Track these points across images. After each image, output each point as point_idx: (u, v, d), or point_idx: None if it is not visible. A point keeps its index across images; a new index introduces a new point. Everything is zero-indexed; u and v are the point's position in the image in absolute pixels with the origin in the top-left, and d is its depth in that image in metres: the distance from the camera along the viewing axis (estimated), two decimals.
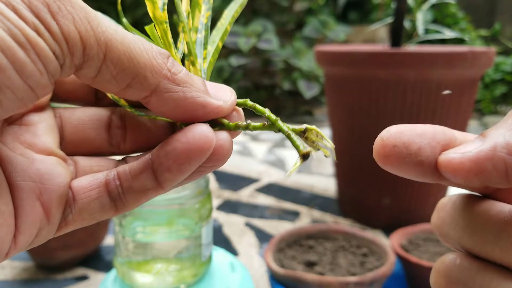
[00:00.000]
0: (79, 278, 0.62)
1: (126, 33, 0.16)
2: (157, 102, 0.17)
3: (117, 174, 0.19)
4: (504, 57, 1.95)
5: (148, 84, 0.17)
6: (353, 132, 0.79)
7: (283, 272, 0.50)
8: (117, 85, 0.16)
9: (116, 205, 0.19)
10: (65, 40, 0.14)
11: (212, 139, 0.18)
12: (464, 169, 0.15)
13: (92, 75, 0.16)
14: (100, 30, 0.15)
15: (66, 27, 0.14)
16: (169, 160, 0.18)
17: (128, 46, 0.16)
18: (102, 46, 0.15)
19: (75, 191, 0.19)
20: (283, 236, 0.59)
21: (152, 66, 0.17)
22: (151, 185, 0.18)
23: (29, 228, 0.17)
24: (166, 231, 0.40)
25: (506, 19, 2.41)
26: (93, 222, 0.19)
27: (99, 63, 0.16)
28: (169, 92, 0.17)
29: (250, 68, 1.83)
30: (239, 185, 1.04)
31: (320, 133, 0.20)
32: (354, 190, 0.83)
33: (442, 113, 0.72)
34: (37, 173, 0.18)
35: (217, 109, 0.18)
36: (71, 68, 0.15)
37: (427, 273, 0.55)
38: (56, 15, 0.14)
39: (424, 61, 0.68)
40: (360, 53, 0.72)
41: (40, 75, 0.14)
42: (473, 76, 0.73)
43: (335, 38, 1.83)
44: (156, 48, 0.17)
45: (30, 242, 0.17)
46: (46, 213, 0.17)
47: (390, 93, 0.72)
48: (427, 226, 0.62)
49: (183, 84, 0.17)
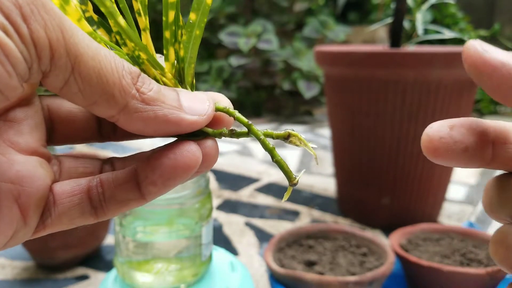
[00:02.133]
0: (79, 278, 0.63)
1: (99, 49, 0.16)
2: (126, 121, 0.17)
3: (100, 181, 0.19)
4: None
5: (115, 103, 0.16)
6: (353, 132, 0.79)
7: (283, 272, 0.50)
8: (84, 100, 0.16)
9: (96, 212, 0.19)
10: (34, 44, 0.14)
11: (198, 158, 0.18)
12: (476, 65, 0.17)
13: (59, 85, 0.16)
14: (72, 41, 0.15)
15: (36, 31, 0.14)
16: (155, 175, 0.18)
17: (98, 62, 0.16)
18: (71, 58, 0.15)
19: (57, 195, 0.18)
20: (283, 235, 0.59)
21: (120, 85, 0.16)
22: (133, 196, 0.18)
23: (5, 230, 0.17)
24: (166, 231, 0.40)
25: (506, 19, 2.42)
26: (71, 227, 0.19)
27: (67, 74, 0.15)
28: (138, 112, 0.17)
29: (250, 68, 1.83)
30: (239, 185, 1.04)
31: (302, 140, 0.20)
32: (354, 190, 0.84)
33: (442, 113, 0.73)
34: (16, 175, 0.17)
35: (192, 125, 0.18)
36: (38, 73, 0.15)
37: (426, 273, 0.55)
38: (28, 18, 0.14)
39: (423, 61, 0.69)
40: (360, 53, 0.72)
41: (9, 77, 0.14)
42: None
43: (335, 38, 1.84)
44: (127, 66, 0.17)
45: (4, 243, 0.17)
46: (23, 215, 0.17)
47: (389, 93, 0.72)
48: (427, 225, 0.62)
49: (153, 103, 0.17)
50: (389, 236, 0.59)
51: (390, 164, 0.76)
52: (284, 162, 0.20)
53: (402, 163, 0.75)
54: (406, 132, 0.73)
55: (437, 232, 0.61)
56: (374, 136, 0.76)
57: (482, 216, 0.87)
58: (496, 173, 0.20)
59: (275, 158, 0.20)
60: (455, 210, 0.90)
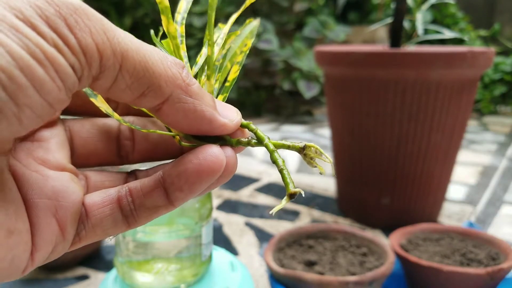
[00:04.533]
0: (79, 278, 0.63)
1: (141, 43, 0.16)
2: (168, 111, 0.18)
3: (129, 190, 0.19)
4: (504, 57, 1.95)
5: (162, 93, 0.17)
6: (353, 132, 0.79)
7: (283, 272, 0.50)
8: (131, 94, 0.17)
9: (128, 221, 0.19)
10: (83, 52, 0.15)
11: (222, 161, 0.18)
12: None
13: (108, 85, 0.16)
14: (116, 41, 0.15)
15: (83, 39, 0.15)
16: (181, 181, 0.18)
17: (143, 56, 0.16)
18: (118, 57, 0.15)
19: (88, 207, 0.19)
20: (283, 235, 0.59)
21: (166, 75, 0.17)
22: (162, 203, 0.19)
23: (45, 245, 0.17)
24: (166, 231, 0.40)
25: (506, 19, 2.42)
26: (105, 237, 0.19)
27: (115, 73, 0.16)
28: (180, 102, 0.17)
29: (250, 68, 1.83)
30: (239, 185, 1.04)
31: (319, 150, 0.20)
32: (354, 190, 0.84)
33: (442, 113, 0.73)
34: (52, 191, 0.18)
35: (222, 126, 0.19)
36: (88, 79, 0.15)
37: (426, 273, 0.55)
38: (73, 28, 0.14)
39: (423, 61, 0.69)
40: (360, 53, 0.72)
41: (59, 91, 0.14)
42: (472, 76, 0.73)
43: (335, 38, 1.84)
44: (172, 58, 0.17)
45: (46, 258, 0.18)
46: (61, 230, 0.18)
47: (390, 93, 0.72)
48: (427, 225, 0.62)
49: (195, 96, 0.18)
50: (389, 236, 0.59)
51: (390, 164, 0.76)
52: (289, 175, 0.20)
53: (402, 163, 0.75)
54: (406, 132, 0.73)
55: (437, 232, 0.61)
56: (374, 136, 0.76)
57: (482, 216, 0.87)
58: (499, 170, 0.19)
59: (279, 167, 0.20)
60: (455, 210, 0.90)
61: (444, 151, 0.76)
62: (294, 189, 0.19)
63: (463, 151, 1.34)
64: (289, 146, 0.20)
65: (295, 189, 0.19)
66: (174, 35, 0.20)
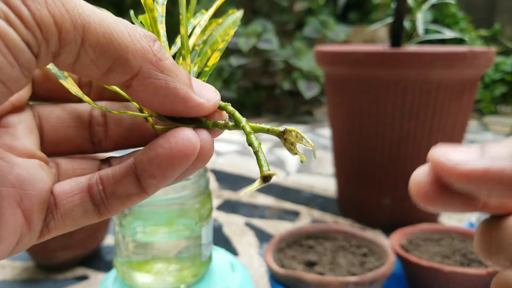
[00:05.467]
0: (79, 278, 0.62)
1: (106, 14, 0.15)
2: (138, 87, 0.16)
3: (100, 178, 0.18)
4: (504, 57, 1.95)
5: (130, 67, 0.16)
6: (353, 132, 0.79)
7: (283, 272, 0.50)
8: (97, 70, 0.15)
9: (99, 210, 0.18)
10: (38, 26, 0.13)
11: (196, 145, 0.17)
12: (451, 176, 0.15)
13: (71, 61, 0.15)
14: (76, 12, 0.14)
15: (38, 12, 0.13)
16: (152, 167, 0.17)
17: (107, 27, 0.15)
18: (79, 29, 0.14)
19: (57, 196, 0.18)
20: (283, 236, 0.59)
21: (135, 48, 0.15)
22: (134, 191, 0.18)
23: (10, 236, 0.16)
24: (166, 231, 0.40)
25: (506, 19, 2.41)
26: (75, 228, 0.18)
27: (77, 47, 0.14)
28: (151, 78, 0.16)
29: (250, 68, 1.83)
30: (239, 185, 1.04)
31: (300, 134, 0.19)
32: (354, 190, 0.83)
33: (442, 113, 0.72)
34: (17, 179, 0.17)
35: (198, 107, 0.18)
36: (47, 56, 0.14)
37: (427, 273, 0.55)
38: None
39: (424, 61, 0.68)
40: (360, 53, 0.72)
41: (11, 68, 0.13)
42: (473, 76, 0.73)
43: (335, 38, 1.83)
44: (141, 30, 0.16)
45: (10, 250, 0.17)
46: (27, 220, 0.17)
47: (390, 93, 0.72)
48: (427, 226, 0.62)
49: (167, 72, 0.16)
50: (390, 236, 0.59)
51: (390, 164, 0.76)
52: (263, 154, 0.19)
53: (402, 163, 0.75)
54: (407, 132, 0.73)
55: (437, 232, 0.61)
56: (374, 136, 0.76)
57: (483, 217, 0.86)
58: None
59: (254, 149, 0.19)
60: None
61: None
62: (268, 172, 0.18)
63: None
64: (268, 130, 0.20)
65: (269, 171, 0.18)
66: (151, 7, 0.19)
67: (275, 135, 0.20)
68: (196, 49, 0.22)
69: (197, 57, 0.22)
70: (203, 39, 0.22)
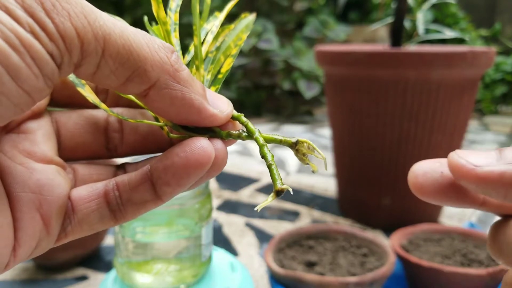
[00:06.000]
0: (79, 278, 0.62)
1: (126, 26, 0.16)
2: (154, 97, 0.17)
3: (116, 185, 0.19)
4: (505, 57, 1.95)
5: (148, 78, 0.16)
6: (353, 132, 0.79)
7: (283, 272, 0.49)
8: (116, 80, 0.16)
9: (115, 216, 0.19)
10: (62, 38, 0.14)
11: (211, 154, 0.17)
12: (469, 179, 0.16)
13: (91, 71, 0.15)
14: (97, 25, 0.14)
15: (62, 24, 0.14)
16: (168, 175, 0.18)
17: (127, 39, 0.15)
18: (100, 41, 0.15)
19: (74, 201, 0.18)
20: (283, 236, 0.58)
21: (153, 59, 0.16)
22: (150, 198, 0.18)
23: (29, 240, 0.17)
24: (166, 231, 0.40)
25: (506, 19, 2.41)
26: (92, 232, 0.19)
27: (98, 58, 0.15)
28: (167, 89, 0.17)
29: (250, 68, 1.83)
30: (239, 185, 1.04)
31: (311, 145, 0.20)
32: (354, 190, 0.83)
33: (442, 113, 0.72)
34: (37, 184, 0.17)
35: (211, 117, 0.18)
36: (69, 66, 0.15)
37: (427, 273, 0.55)
38: (50, 12, 0.14)
39: (424, 61, 0.68)
40: (360, 53, 0.72)
41: (36, 78, 0.14)
42: (473, 76, 0.73)
43: (335, 38, 1.83)
44: (160, 41, 0.17)
45: (30, 253, 0.17)
46: (45, 224, 0.17)
47: (390, 93, 0.72)
48: (428, 226, 0.62)
49: (184, 83, 0.17)
50: (390, 237, 0.59)
51: (390, 164, 0.76)
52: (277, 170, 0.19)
53: (402, 163, 0.75)
54: (407, 132, 0.73)
55: (438, 232, 0.61)
56: (374, 136, 0.76)
57: (483, 217, 0.86)
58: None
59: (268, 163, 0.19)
60: (456, 210, 0.89)
61: (445, 151, 0.76)
62: (281, 186, 0.18)
63: None
64: (280, 141, 0.20)
65: (283, 186, 0.18)
66: (164, 20, 0.20)
67: (287, 145, 0.20)
68: (209, 56, 0.22)
69: (210, 65, 0.22)
70: (216, 46, 0.22)
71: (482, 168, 0.16)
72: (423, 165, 0.18)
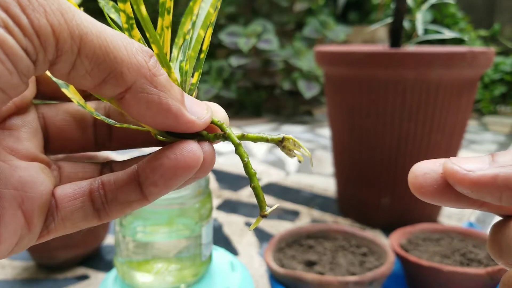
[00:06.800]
0: (79, 278, 0.63)
1: (104, 27, 0.15)
2: (130, 101, 0.16)
3: (102, 183, 0.18)
4: (504, 57, 1.95)
5: (123, 80, 0.16)
6: (353, 132, 0.79)
7: (283, 272, 0.50)
8: (91, 81, 0.16)
9: (99, 215, 0.18)
10: (37, 34, 0.14)
11: (199, 157, 0.18)
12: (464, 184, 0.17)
13: (66, 70, 0.15)
14: (74, 23, 0.14)
15: (37, 20, 0.13)
16: (156, 175, 0.18)
17: (104, 39, 0.15)
18: (76, 40, 0.14)
19: (59, 199, 0.18)
20: (283, 235, 0.59)
21: (130, 62, 0.16)
22: (136, 198, 0.18)
23: (10, 237, 0.17)
24: (166, 231, 0.40)
25: (506, 19, 2.42)
26: (75, 230, 0.19)
27: (73, 57, 0.15)
28: (144, 93, 0.16)
29: (250, 68, 1.84)
30: (239, 185, 1.04)
31: (297, 142, 0.20)
32: (354, 190, 0.84)
33: (442, 113, 0.73)
34: (19, 181, 0.17)
35: (189, 123, 0.18)
36: (45, 63, 0.15)
37: (426, 273, 0.55)
38: (26, 8, 0.13)
39: (423, 61, 0.69)
40: (360, 53, 0.72)
41: (10, 75, 0.13)
42: (472, 76, 0.73)
43: (335, 38, 1.84)
44: (138, 45, 0.16)
45: (10, 250, 0.17)
46: (27, 222, 0.17)
47: (389, 93, 0.72)
48: (427, 225, 0.62)
49: (161, 88, 0.17)
50: (389, 236, 0.59)
51: (390, 164, 0.76)
52: (261, 191, 0.19)
53: (402, 163, 0.75)
54: (406, 132, 0.73)
55: (437, 232, 0.61)
56: (374, 136, 0.76)
57: (482, 216, 0.87)
58: None
59: (253, 183, 0.19)
60: (455, 210, 0.90)
61: (444, 151, 0.76)
62: (268, 211, 0.19)
63: (463, 151, 1.34)
64: (267, 139, 0.20)
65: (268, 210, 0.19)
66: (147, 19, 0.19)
67: (274, 143, 0.21)
68: (186, 39, 0.21)
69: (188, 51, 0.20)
70: (193, 21, 0.21)
71: (475, 172, 0.16)
72: (422, 165, 0.18)
